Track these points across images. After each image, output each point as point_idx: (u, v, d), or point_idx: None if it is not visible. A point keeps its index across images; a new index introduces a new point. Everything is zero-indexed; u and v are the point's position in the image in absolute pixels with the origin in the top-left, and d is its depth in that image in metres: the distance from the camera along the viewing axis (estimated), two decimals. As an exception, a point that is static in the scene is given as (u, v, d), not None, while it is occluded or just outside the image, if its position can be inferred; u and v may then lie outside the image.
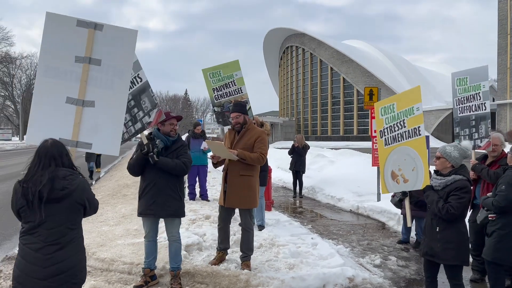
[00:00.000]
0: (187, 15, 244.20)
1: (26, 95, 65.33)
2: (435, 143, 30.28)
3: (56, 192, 2.68)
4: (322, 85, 67.38)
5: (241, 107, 5.00)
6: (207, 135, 10.45)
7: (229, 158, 4.75)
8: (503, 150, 5.03)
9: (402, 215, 6.69)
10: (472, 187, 5.19)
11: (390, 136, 4.42)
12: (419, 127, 4.08)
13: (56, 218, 2.70)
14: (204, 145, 8.72)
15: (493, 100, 48.39)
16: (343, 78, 62.59)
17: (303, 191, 11.26)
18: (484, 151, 5.41)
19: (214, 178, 12.17)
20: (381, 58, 62.27)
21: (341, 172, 12.37)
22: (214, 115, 7.17)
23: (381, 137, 4.59)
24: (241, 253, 4.92)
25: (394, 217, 7.61)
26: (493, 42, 42.29)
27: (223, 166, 4.99)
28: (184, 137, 9.61)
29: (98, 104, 3.66)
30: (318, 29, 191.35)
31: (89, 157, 13.98)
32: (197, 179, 9.19)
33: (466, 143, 3.85)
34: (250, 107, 6.72)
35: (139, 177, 4.45)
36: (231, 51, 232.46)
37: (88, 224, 6.76)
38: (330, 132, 65.78)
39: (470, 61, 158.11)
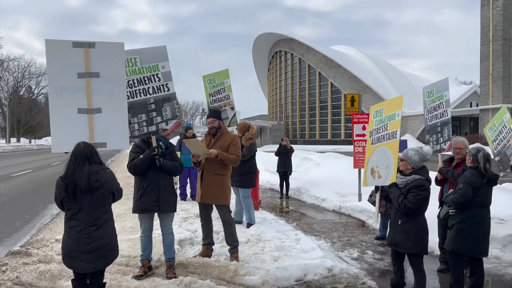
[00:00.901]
0: (176, 18, 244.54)
1: (13, 98, 64.92)
2: (419, 147, 30.98)
3: (93, 184, 3.32)
4: (310, 89, 68.24)
5: (216, 113, 5.56)
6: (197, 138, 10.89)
7: (206, 156, 5.19)
8: (467, 152, 5.57)
9: (380, 214, 7.20)
10: (440, 187, 5.77)
11: (376, 137, 4.97)
12: (396, 131, 4.62)
13: (93, 205, 3.35)
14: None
15: (477, 105, 49.54)
16: (331, 83, 63.51)
17: (290, 192, 11.75)
18: (449, 153, 5.97)
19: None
20: (367, 63, 63.31)
21: (326, 174, 12.90)
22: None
23: (370, 137, 5.15)
24: (228, 246, 5.38)
25: (373, 216, 8.12)
26: (477, 49, 43.49)
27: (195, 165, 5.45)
28: (175, 140, 10.08)
29: (104, 109, 4.30)
30: (306, 33, 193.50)
31: None
32: (188, 180, 9.62)
33: (426, 149, 4.37)
34: (235, 113, 7.33)
35: (133, 179, 4.91)
36: (220, 55, 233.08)
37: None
38: (318, 136, 66.60)
39: (455, 67, 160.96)
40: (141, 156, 4.73)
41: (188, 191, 9.87)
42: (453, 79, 77.68)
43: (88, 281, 3.54)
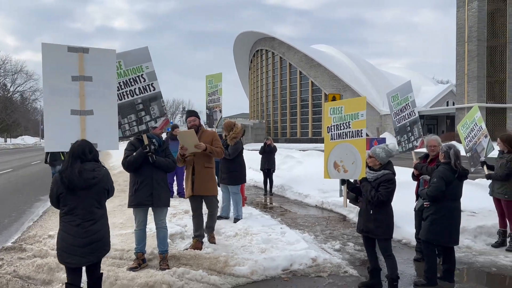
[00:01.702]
0: (154, 15, 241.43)
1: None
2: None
3: (89, 181, 3.48)
4: (291, 88, 68.76)
5: (196, 112, 6.02)
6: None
7: (195, 150, 5.55)
8: (440, 149, 5.98)
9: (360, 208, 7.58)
10: (416, 181, 6.17)
11: (336, 133, 5.33)
12: (361, 130, 5.00)
13: (89, 201, 3.51)
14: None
15: (453, 104, 50.83)
16: (312, 81, 64.13)
17: (273, 189, 12.08)
18: (422, 149, 6.41)
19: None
20: (348, 62, 64.18)
21: (308, 171, 13.28)
22: (206, 116, 8.30)
23: (328, 132, 5.51)
24: (207, 229, 5.91)
25: (353, 210, 8.49)
26: (453, 49, 44.70)
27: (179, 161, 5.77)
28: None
29: (96, 111, 4.52)
30: (287, 32, 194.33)
31: (55, 160, 11.54)
32: (174, 178, 9.83)
33: (392, 146, 4.78)
34: (221, 116, 7.78)
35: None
36: (199, 52, 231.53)
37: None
38: (299, 134, 67.20)
39: (433, 66, 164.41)
40: (134, 154, 4.97)
41: (175, 188, 10.06)
42: (430, 79, 79.45)
43: (86, 272, 3.71)
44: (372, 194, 4.51)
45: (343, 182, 5.22)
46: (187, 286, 4.49)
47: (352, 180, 5.33)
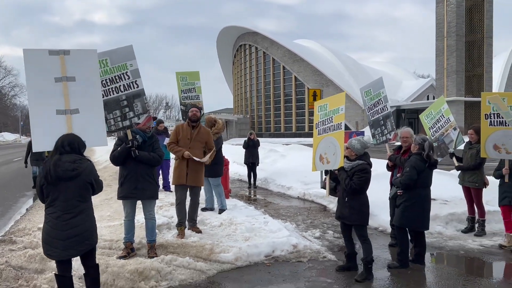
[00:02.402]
0: (135, 9, 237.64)
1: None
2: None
3: (68, 173, 3.54)
4: (275, 83, 69.13)
5: (199, 108, 6.46)
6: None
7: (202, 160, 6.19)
8: (413, 140, 6.34)
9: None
10: (390, 172, 6.53)
11: (322, 128, 5.65)
12: (341, 123, 5.32)
13: (69, 193, 3.55)
14: (166, 140, 9.56)
15: (434, 98, 51.82)
16: (295, 76, 64.60)
17: (257, 182, 12.38)
18: (395, 142, 6.79)
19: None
20: (330, 57, 64.82)
21: (291, 164, 13.61)
22: (181, 112, 8.47)
23: (316, 128, 5.83)
24: (190, 222, 6.23)
25: (333, 201, 8.83)
26: (433, 44, 45.61)
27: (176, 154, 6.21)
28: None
29: (81, 110, 4.62)
30: (270, 26, 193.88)
31: (37, 159, 11.18)
32: (160, 172, 10.01)
33: (366, 138, 5.12)
34: (203, 113, 8.08)
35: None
36: (180, 47, 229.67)
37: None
38: (283, 129, 67.70)
39: (413, 61, 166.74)
40: (118, 149, 5.19)
41: (160, 182, 10.26)
42: (411, 73, 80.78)
43: (82, 262, 3.81)
44: (346, 182, 4.84)
45: (326, 172, 5.54)
46: (175, 272, 4.75)
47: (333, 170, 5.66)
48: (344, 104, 5.40)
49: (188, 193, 6.30)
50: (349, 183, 4.81)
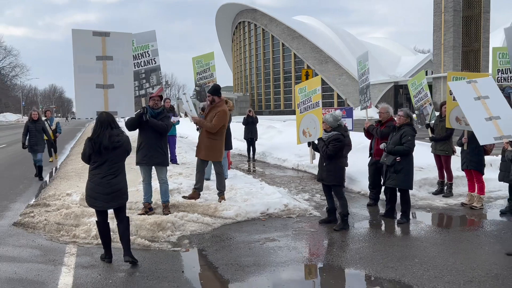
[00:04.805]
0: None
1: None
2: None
3: (115, 144, 4.49)
4: (274, 60, 69.49)
5: (211, 90, 6.99)
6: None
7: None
8: (391, 116, 7.25)
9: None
10: (369, 141, 7.50)
11: (303, 107, 6.64)
12: (318, 101, 6.32)
13: (113, 159, 4.51)
14: (173, 118, 10.53)
15: (432, 73, 52.39)
16: (294, 53, 64.90)
17: (256, 156, 13.41)
18: (371, 109, 7.91)
19: (180, 147, 14.05)
20: (329, 33, 64.91)
21: (287, 139, 14.57)
22: (195, 93, 9.44)
23: (298, 108, 6.85)
24: (217, 191, 7.02)
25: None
26: (432, 19, 45.89)
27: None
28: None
29: (116, 85, 5.58)
30: (269, 1, 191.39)
31: (36, 144, 10.34)
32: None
33: (337, 112, 6.07)
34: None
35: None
36: (176, 23, 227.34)
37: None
38: (283, 106, 68.44)
39: (413, 35, 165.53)
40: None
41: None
42: (410, 48, 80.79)
43: (115, 216, 4.73)
44: (323, 150, 5.84)
45: (309, 144, 6.57)
46: (186, 224, 5.81)
47: (315, 142, 6.68)
48: (320, 85, 6.41)
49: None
50: (325, 150, 5.82)
